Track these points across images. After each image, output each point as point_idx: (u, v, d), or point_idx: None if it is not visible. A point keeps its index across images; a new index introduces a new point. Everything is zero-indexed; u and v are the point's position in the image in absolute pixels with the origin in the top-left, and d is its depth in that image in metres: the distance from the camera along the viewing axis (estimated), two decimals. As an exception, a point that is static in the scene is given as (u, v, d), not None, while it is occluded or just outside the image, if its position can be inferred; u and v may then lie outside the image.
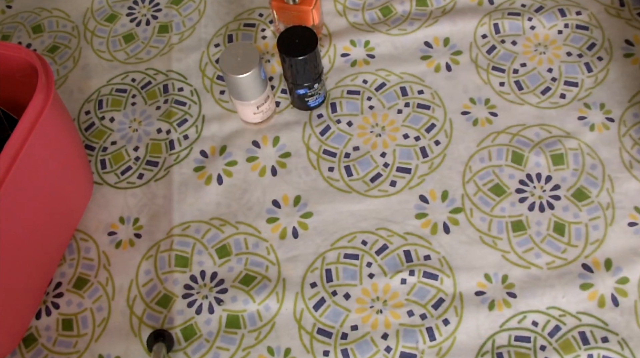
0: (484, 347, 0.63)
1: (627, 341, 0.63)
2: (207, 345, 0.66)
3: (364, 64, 0.79)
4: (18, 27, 0.87)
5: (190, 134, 0.77)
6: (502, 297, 0.65)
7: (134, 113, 0.79)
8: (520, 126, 0.74)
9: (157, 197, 0.74)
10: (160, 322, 0.67)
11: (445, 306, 0.65)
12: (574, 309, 0.64)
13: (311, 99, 0.75)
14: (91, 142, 0.78)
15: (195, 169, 0.75)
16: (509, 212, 0.69)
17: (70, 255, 0.71)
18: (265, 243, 0.70)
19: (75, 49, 0.85)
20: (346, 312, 0.66)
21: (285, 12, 0.78)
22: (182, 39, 0.84)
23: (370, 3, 0.84)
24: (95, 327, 0.68)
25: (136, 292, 0.69)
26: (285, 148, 0.75)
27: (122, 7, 0.87)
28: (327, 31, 0.82)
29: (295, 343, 0.65)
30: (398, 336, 0.64)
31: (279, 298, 0.67)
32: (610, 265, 0.66)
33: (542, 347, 0.63)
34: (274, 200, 0.72)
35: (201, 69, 0.81)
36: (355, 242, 0.69)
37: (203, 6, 0.86)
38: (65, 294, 0.69)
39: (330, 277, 0.68)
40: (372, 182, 0.72)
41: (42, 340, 0.67)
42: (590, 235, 0.68)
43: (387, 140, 0.74)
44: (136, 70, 0.82)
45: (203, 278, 0.69)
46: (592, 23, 0.79)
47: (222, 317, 0.67)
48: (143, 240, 0.71)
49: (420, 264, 0.67)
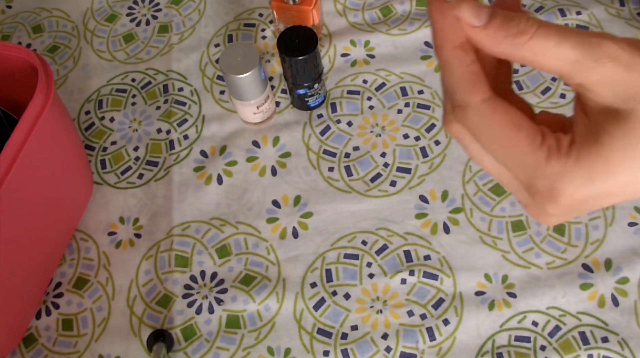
0: (484, 347, 0.63)
1: (627, 341, 0.63)
2: (207, 345, 0.66)
3: (364, 64, 0.79)
4: (18, 27, 0.87)
5: (190, 134, 0.77)
6: (502, 297, 0.65)
7: (134, 113, 0.79)
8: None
9: (157, 197, 0.74)
10: (160, 322, 0.67)
11: (445, 306, 0.65)
12: (574, 309, 0.64)
13: (311, 99, 0.75)
14: (91, 142, 0.78)
15: (195, 169, 0.75)
16: (509, 212, 0.69)
17: (70, 255, 0.71)
18: (265, 243, 0.70)
19: (75, 49, 0.85)
20: (346, 312, 0.66)
21: (285, 12, 0.78)
22: (182, 39, 0.84)
23: (370, 3, 0.84)
24: (95, 327, 0.68)
25: (136, 292, 0.69)
26: (285, 148, 0.75)
27: (122, 7, 0.87)
28: (327, 31, 0.82)
29: (295, 343, 0.65)
30: (398, 336, 0.64)
31: (279, 298, 0.67)
32: (611, 265, 0.66)
33: (542, 347, 0.63)
34: (274, 200, 0.72)
35: (201, 69, 0.81)
36: (355, 242, 0.69)
37: (203, 6, 0.86)
38: (65, 294, 0.69)
39: (330, 277, 0.68)
40: (372, 182, 0.72)
41: (42, 340, 0.67)
42: (590, 235, 0.68)
43: (387, 140, 0.74)
44: (136, 70, 0.82)
45: (203, 278, 0.69)
46: (592, 23, 0.79)
47: (222, 317, 0.67)
48: (143, 240, 0.71)
49: (420, 264, 0.67)
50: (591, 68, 0.27)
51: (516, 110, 0.29)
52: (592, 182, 0.28)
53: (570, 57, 0.28)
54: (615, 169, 0.27)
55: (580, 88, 0.29)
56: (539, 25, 0.28)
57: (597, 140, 0.28)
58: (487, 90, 0.30)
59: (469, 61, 0.30)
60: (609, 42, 0.27)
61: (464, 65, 0.30)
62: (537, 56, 0.28)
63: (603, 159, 0.27)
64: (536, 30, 0.28)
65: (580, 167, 0.28)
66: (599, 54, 0.27)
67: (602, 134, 0.28)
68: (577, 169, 0.28)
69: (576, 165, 0.28)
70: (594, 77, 0.28)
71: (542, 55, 0.28)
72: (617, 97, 0.27)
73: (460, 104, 0.30)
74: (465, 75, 0.30)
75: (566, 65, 0.28)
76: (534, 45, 0.28)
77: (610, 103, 0.28)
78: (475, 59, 0.30)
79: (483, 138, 0.30)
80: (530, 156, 0.28)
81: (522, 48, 0.28)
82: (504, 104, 0.29)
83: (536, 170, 0.28)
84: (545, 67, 0.29)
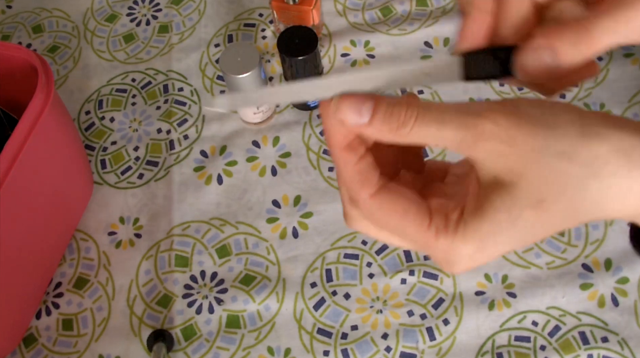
0: (484, 347, 0.63)
1: (627, 341, 0.63)
2: (207, 345, 0.66)
3: (364, 64, 0.79)
4: (18, 27, 0.87)
5: (190, 133, 0.77)
6: (502, 297, 0.65)
7: (134, 113, 0.79)
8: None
9: (157, 197, 0.74)
10: (160, 322, 0.67)
11: (445, 306, 0.65)
12: (574, 309, 0.64)
13: (311, 99, 0.75)
14: (91, 142, 0.78)
15: (195, 168, 0.75)
16: (509, 212, 0.69)
17: (70, 255, 0.71)
18: (265, 243, 0.70)
19: (75, 49, 0.85)
20: (346, 311, 0.66)
21: (285, 12, 0.78)
22: (182, 39, 0.84)
23: (370, 3, 0.84)
24: (95, 327, 0.68)
25: (136, 292, 0.69)
26: (285, 148, 0.75)
27: (122, 7, 0.88)
28: (327, 31, 0.82)
29: (295, 343, 0.65)
30: (398, 336, 0.65)
31: (279, 298, 0.67)
32: (610, 265, 0.66)
33: (542, 347, 0.63)
34: (274, 200, 0.72)
35: (201, 69, 0.81)
36: (355, 241, 0.69)
37: (203, 6, 0.86)
38: (65, 294, 0.69)
39: (330, 277, 0.68)
40: (372, 182, 0.72)
41: (42, 340, 0.67)
42: (590, 235, 0.68)
43: (387, 140, 0.74)
44: (136, 70, 0.82)
45: (203, 278, 0.69)
46: (592, 23, 0.79)
47: (222, 317, 0.67)
48: (143, 240, 0.71)
49: (420, 264, 0.67)
50: (473, 148, 0.29)
51: (404, 197, 0.31)
52: (481, 252, 0.30)
53: (452, 139, 0.29)
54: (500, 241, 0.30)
55: (471, 161, 0.30)
56: (417, 114, 0.30)
57: (482, 212, 0.29)
58: (375, 184, 0.31)
59: (355, 160, 0.32)
60: (485, 122, 0.29)
61: (350, 165, 0.32)
62: (424, 141, 0.30)
63: (488, 235, 0.29)
64: (415, 121, 0.30)
65: (467, 241, 0.30)
66: (478, 135, 0.29)
67: (487, 205, 0.29)
68: (464, 243, 0.30)
69: (463, 240, 0.30)
70: (477, 155, 0.29)
71: (427, 140, 0.30)
72: (501, 170, 0.29)
73: (353, 199, 0.32)
74: (352, 175, 0.32)
75: (452, 144, 0.30)
76: (417, 133, 0.30)
77: (496, 174, 0.29)
78: (362, 155, 0.32)
79: (378, 225, 0.32)
80: (420, 236, 0.31)
81: (407, 137, 0.30)
82: (391, 195, 0.31)
83: (428, 247, 0.31)
84: (434, 146, 0.31)
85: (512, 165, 0.29)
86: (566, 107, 0.30)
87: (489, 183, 0.30)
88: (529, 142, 0.28)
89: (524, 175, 0.29)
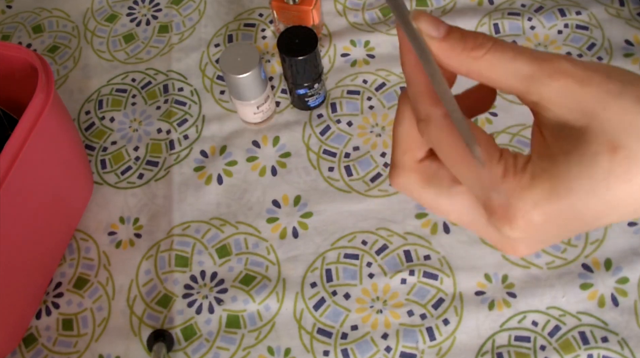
0: (484, 347, 0.63)
1: (627, 341, 0.63)
2: (207, 345, 0.66)
3: (364, 64, 0.79)
4: (18, 27, 0.87)
5: (191, 133, 0.77)
6: (502, 297, 0.65)
7: (134, 113, 0.79)
8: (520, 126, 0.74)
9: (157, 197, 0.74)
10: (160, 322, 0.67)
11: (445, 306, 0.65)
12: (574, 309, 0.64)
13: (311, 99, 0.75)
14: (91, 142, 0.78)
15: (195, 168, 0.75)
16: (509, 212, 0.69)
17: (70, 255, 0.72)
18: (265, 243, 0.70)
19: (76, 49, 0.85)
20: (346, 311, 0.66)
21: (285, 12, 0.78)
22: (182, 39, 0.84)
23: (370, 3, 0.84)
24: (95, 326, 0.68)
25: (136, 291, 0.69)
26: (285, 148, 0.75)
27: (122, 7, 0.88)
28: (327, 31, 0.82)
29: (295, 343, 0.65)
30: (398, 336, 0.65)
31: (279, 298, 0.67)
32: (610, 265, 0.66)
33: (542, 347, 0.63)
34: (274, 200, 0.72)
35: (201, 69, 0.82)
36: (355, 241, 0.69)
37: (203, 6, 0.86)
38: (65, 294, 0.69)
39: (330, 277, 0.68)
40: (372, 182, 0.72)
41: (42, 340, 0.67)
42: (590, 235, 0.68)
43: (387, 140, 0.74)
44: (136, 70, 0.82)
45: (203, 278, 0.69)
46: (592, 23, 0.79)
47: (222, 316, 0.67)
48: (143, 240, 0.72)
49: (420, 264, 0.67)
50: (545, 84, 0.28)
51: (477, 127, 0.30)
52: (548, 201, 0.27)
53: (524, 73, 0.28)
54: (573, 187, 0.27)
55: (536, 106, 0.29)
56: (495, 40, 0.29)
57: (552, 158, 0.27)
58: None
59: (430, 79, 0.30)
60: (562, 59, 0.28)
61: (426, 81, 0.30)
62: (492, 70, 0.29)
63: (558, 177, 0.27)
64: (492, 45, 0.29)
65: (535, 185, 0.27)
66: (553, 69, 0.27)
67: (557, 152, 0.28)
68: (531, 187, 0.27)
69: (531, 184, 0.27)
70: (548, 94, 0.28)
71: (498, 69, 0.29)
72: (571, 113, 0.27)
73: (424, 118, 0.30)
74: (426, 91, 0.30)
75: (521, 81, 0.28)
76: (490, 59, 0.29)
77: (565, 120, 0.28)
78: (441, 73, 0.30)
79: (443, 151, 0.30)
80: (486, 172, 0.28)
81: (478, 61, 0.29)
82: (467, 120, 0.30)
83: (492, 184, 0.28)
84: (500, 83, 0.29)
85: (584, 106, 0.27)
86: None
87: (556, 128, 0.28)
88: (606, 83, 0.27)
89: (598, 118, 0.27)
